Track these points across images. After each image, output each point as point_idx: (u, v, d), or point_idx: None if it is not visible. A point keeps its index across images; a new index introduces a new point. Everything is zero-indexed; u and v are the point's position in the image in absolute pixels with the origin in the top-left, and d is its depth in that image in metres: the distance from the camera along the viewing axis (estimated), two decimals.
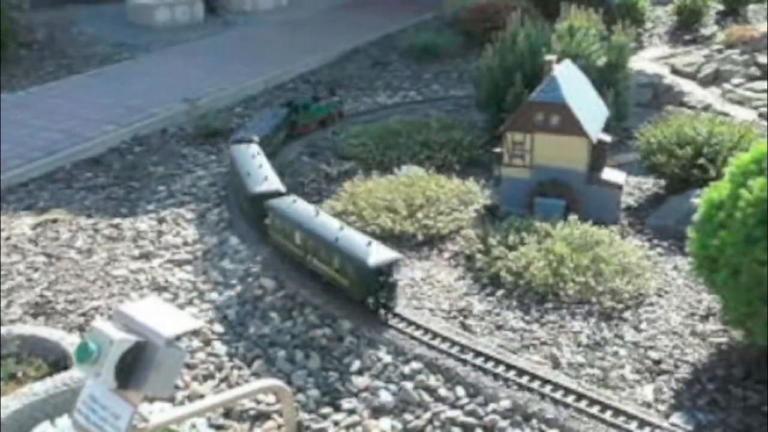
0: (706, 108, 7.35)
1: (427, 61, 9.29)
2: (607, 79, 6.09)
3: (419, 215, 4.92)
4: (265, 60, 9.41)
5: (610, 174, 5.09)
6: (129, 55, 9.94)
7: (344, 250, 3.96)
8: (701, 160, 5.09)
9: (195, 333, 3.84)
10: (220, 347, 3.85)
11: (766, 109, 7.20)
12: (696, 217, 3.64)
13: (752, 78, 8.06)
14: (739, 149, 4.90)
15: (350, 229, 4.18)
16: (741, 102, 7.55)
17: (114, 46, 10.29)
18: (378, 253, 3.89)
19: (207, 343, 3.88)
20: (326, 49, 9.84)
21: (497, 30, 6.76)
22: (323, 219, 4.28)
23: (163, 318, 2.27)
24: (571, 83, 5.07)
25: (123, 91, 8.18)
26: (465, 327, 3.92)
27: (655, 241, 4.82)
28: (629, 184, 5.52)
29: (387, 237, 4.84)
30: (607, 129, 5.27)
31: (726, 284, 3.38)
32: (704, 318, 4.01)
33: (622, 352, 3.73)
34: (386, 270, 3.88)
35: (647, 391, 3.46)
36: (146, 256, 4.78)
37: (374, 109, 7.65)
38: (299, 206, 4.47)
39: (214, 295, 4.32)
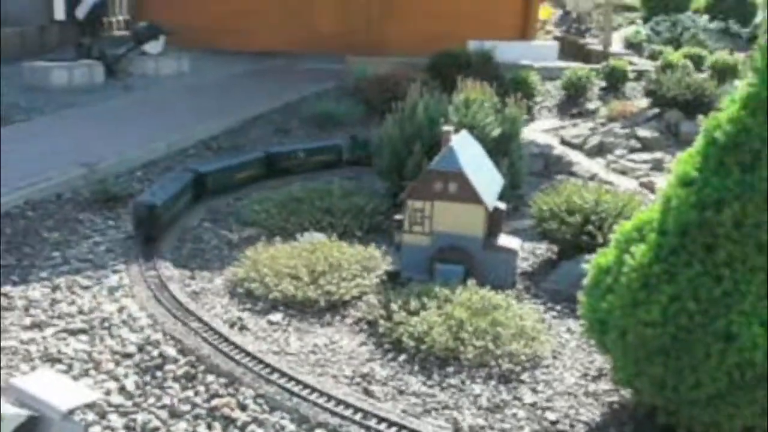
0: (593, 177, 7.80)
1: (328, 129, 9.47)
2: (502, 149, 6.39)
3: (322, 281, 4.96)
4: (166, 124, 9.35)
5: (505, 240, 5.30)
6: (23, 117, 9.66)
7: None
8: (589, 227, 5.38)
9: (90, 405, 3.70)
10: (117, 420, 3.71)
11: (646, 179, 7.71)
12: (585, 281, 3.85)
13: (633, 150, 8.65)
14: (623, 217, 5.21)
15: (167, 185, 6.18)
16: (624, 172, 8.06)
17: (7, 108, 9.97)
18: (147, 197, 5.87)
19: (103, 415, 3.73)
20: (228, 115, 9.88)
21: (397, 100, 6.99)
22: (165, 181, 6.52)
23: (57, 391, 2.22)
24: (468, 153, 5.29)
25: (16, 155, 7.92)
26: (368, 393, 3.94)
27: (550, 305, 5.02)
28: (524, 250, 5.75)
29: (290, 303, 4.86)
30: (502, 197, 5.51)
31: (615, 345, 3.58)
32: (596, 378, 4.19)
33: (521, 413, 3.85)
34: (150, 210, 5.73)
35: None
36: (38, 326, 4.59)
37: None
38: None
39: (111, 366, 4.18)
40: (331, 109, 9.76)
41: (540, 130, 9.42)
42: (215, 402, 3.84)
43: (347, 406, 3.76)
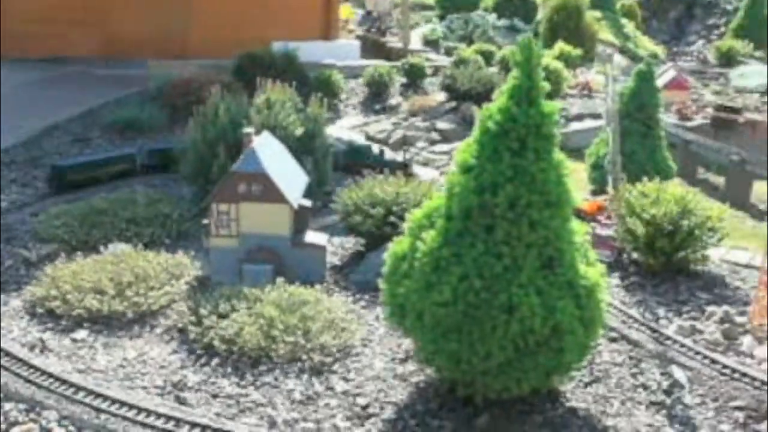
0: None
1: (131, 136, 9.15)
2: (306, 148, 6.51)
3: (129, 293, 4.84)
4: None
5: (313, 237, 5.43)
6: None
7: None
8: (391, 218, 5.62)
9: None
10: None
11: (446, 169, 8.14)
12: (385, 269, 4.04)
13: (433, 142, 9.10)
14: (422, 206, 5.48)
15: None
16: (426, 163, 8.46)
17: None
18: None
19: None
20: (20, 127, 9.24)
21: (201, 104, 6.90)
22: None
23: None
24: (270, 153, 5.35)
25: None
26: (180, 400, 3.92)
27: (358, 296, 5.20)
28: (333, 245, 5.91)
29: (95, 318, 4.70)
30: (309, 194, 5.62)
31: (414, 327, 3.80)
32: (404, 361, 4.42)
33: (333, 402, 3.98)
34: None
35: None
36: None
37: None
38: None
39: None
40: (133, 116, 9.42)
41: (346, 127, 9.65)
42: (15, 430, 3.66)
43: (159, 416, 3.72)
